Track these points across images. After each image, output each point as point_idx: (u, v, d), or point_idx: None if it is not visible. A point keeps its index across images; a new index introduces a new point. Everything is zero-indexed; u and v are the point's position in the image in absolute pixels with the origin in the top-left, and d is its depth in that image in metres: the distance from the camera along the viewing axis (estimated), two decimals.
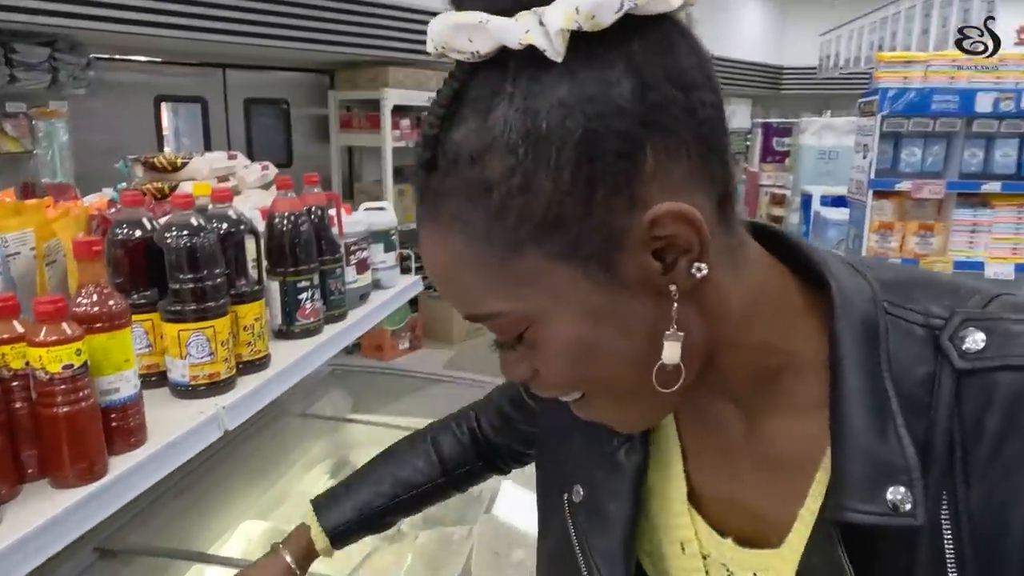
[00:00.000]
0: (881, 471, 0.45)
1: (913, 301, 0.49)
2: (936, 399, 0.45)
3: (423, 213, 0.47)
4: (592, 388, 0.50)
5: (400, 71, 5.35)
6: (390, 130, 5.29)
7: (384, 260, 1.81)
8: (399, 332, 5.32)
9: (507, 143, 0.42)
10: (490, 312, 0.47)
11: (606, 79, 0.42)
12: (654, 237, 0.44)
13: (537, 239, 0.43)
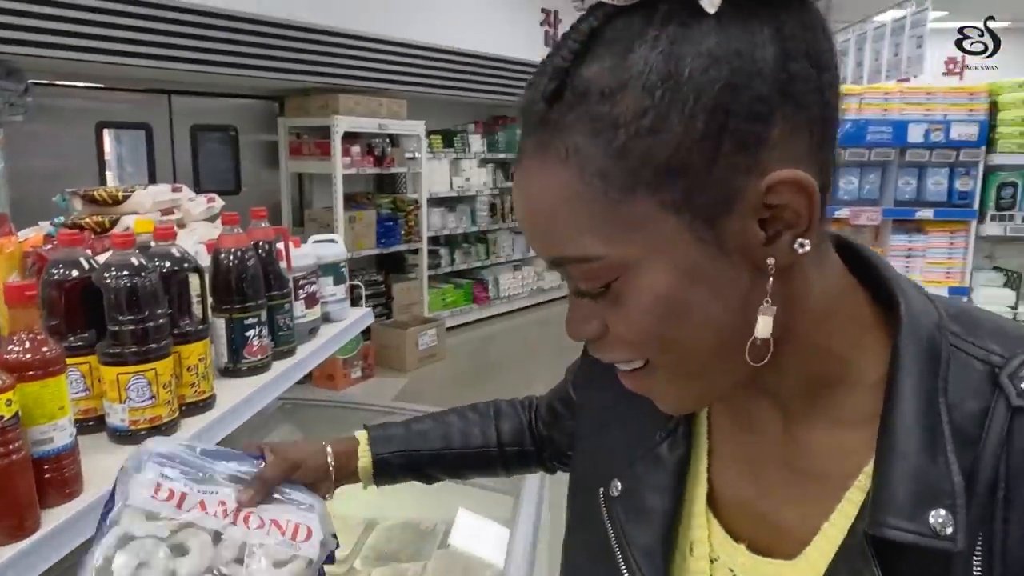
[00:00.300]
0: (926, 492, 0.45)
1: (976, 336, 0.49)
2: (987, 434, 0.45)
3: (532, 146, 0.47)
4: (664, 352, 0.49)
5: (351, 98, 5.34)
6: (340, 157, 5.26)
7: (334, 293, 1.78)
8: (351, 361, 5.25)
9: (644, 84, 0.42)
10: (585, 255, 0.46)
11: (753, 40, 0.42)
12: (766, 205, 0.44)
13: (654, 184, 0.43)
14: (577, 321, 0.51)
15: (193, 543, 0.66)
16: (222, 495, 0.70)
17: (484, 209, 7.21)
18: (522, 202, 0.48)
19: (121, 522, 0.66)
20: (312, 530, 0.71)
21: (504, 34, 7.05)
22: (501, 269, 7.58)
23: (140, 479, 0.69)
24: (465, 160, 6.93)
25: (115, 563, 0.63)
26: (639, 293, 0.46)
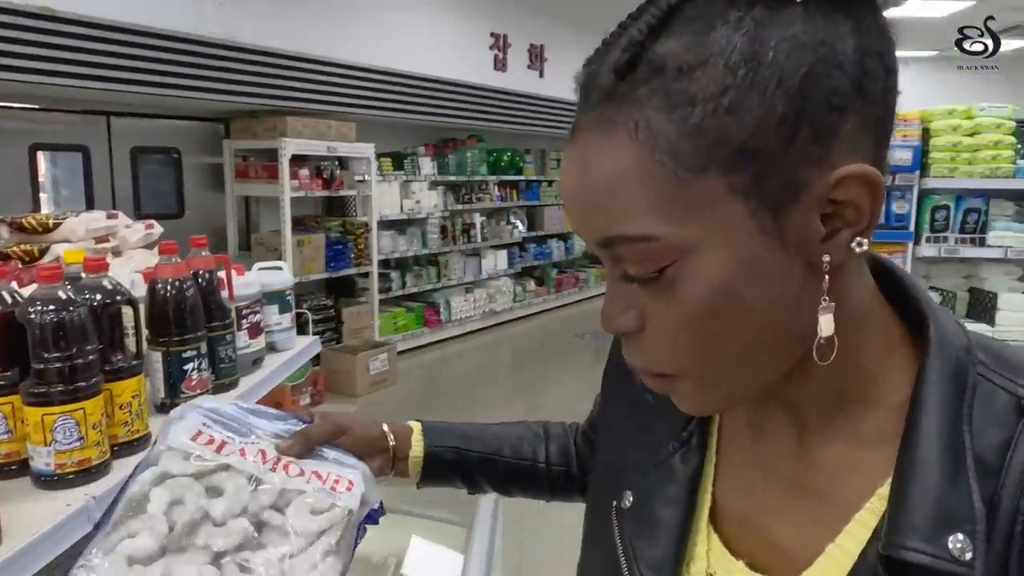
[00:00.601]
0: (947, 516, 0.44)
1: (1004, 368, 0.48)
2: (1009, 465, 0.44)
3: (593, 119, 0.45)
4: (702, 351, 0.46)
5: (299, 120, 5.27)
6: (288, 180, 5.18)
7: (280, 322, 1.73)
8: (300, 387, 5.12)
9: (726, 62, 0.41)
10: (645, 233, 0.44)
11: (836, 32, 0.42)
12: (831, 200, 0.44)
13: (726, 166, 0.42)
14: (615, 312, 0.48)
15: (229, 485, 0.64)
16: (262, 445, 0.69)
17: (435, 232, 7.18)
18: (576, 177, 0.46)
19: (160, 462, 0.65)
20: (354, 482, 0.68)
21: (454, 58, 7.09)
22: (453, 292, 7.54)
23: (182, 425, 0.68)
24: (415, 183, 6.90)
25: (150, 497, 0.62)
26: (693, 281, 0.44)
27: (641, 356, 0.49)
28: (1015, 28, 9.12)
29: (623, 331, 0.49)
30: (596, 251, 0.47)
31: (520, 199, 8.60)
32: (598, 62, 0.46)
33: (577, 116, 0.47)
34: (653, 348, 0.48)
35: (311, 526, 0.63)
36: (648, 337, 0.48)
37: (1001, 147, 3.07)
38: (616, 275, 0.48)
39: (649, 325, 0.47)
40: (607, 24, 2.19)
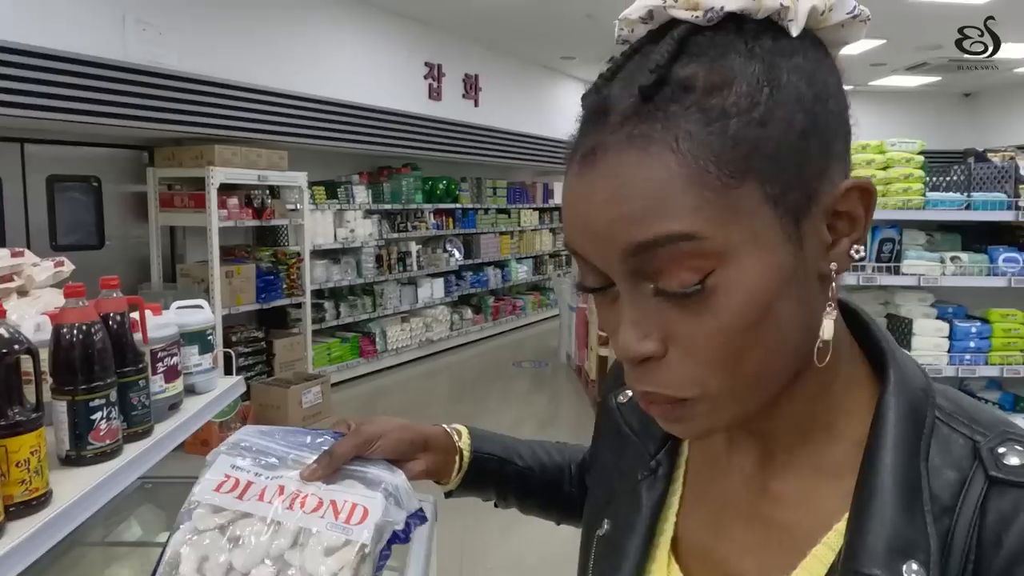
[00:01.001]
0: (902, 544, 0.45)
1: (962, 414, 0.50)
2: (962, 503, 0.46)
3: (618, 138, 0.45)
4: (737, 364, 0.46)
5: (228, 148, 5.15)
6: (216, 209, 5.03)
7: (200, 363, 1.66)
8: (228, 424, 4.94)
9: (749, 82, 0.44)
10: (690, 231, 0.43)
11: (823, 64, 0.48)
12: (835, 211, 0.47)
13: (762, 175, 0.44)
14: (637, 336, 0.47)
15: (248, 533, 0.64)
16: (284, 479, 0.67)
17: (370, 261, 7.10)
18: (605, 189, 0.45)
19: (192, 517, 0.66)
20: (368, 511, 0.65)
21: (389, 86, 7.08)
22: (388, 321, 7.44)
23: (209, 475, 0.68)
24: (350, 211, 6.82)
25: (182, 557, 0.64)
26: (733, 290, 0.44)
27: (659, 382, 0.48)
28: (921, 66, 9.70)
29: (647, 356, 0.47)
30: (618, 268, 0.46)
31: (456, 227, 8.60)
32: (609, 87, 0.47)
33: (592, 138, 0.47)
34: (676, 370, 0.47)
35: (321, 569, 0.62)
36: (671, 360, 0.47)
37: (911, 180, 3.23)
38: (637, 295, 0.47)
39: (673, 347, 0.47)
40: (540, 55, 2.24)
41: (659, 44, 0.46)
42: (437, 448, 0.77)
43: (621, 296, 0.47)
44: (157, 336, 1.46)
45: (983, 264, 3.29)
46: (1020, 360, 3.32)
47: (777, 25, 0.46)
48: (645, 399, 0.50)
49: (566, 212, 0.49)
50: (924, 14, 6.97)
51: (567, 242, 0.50)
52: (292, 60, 5.97)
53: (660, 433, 0.63)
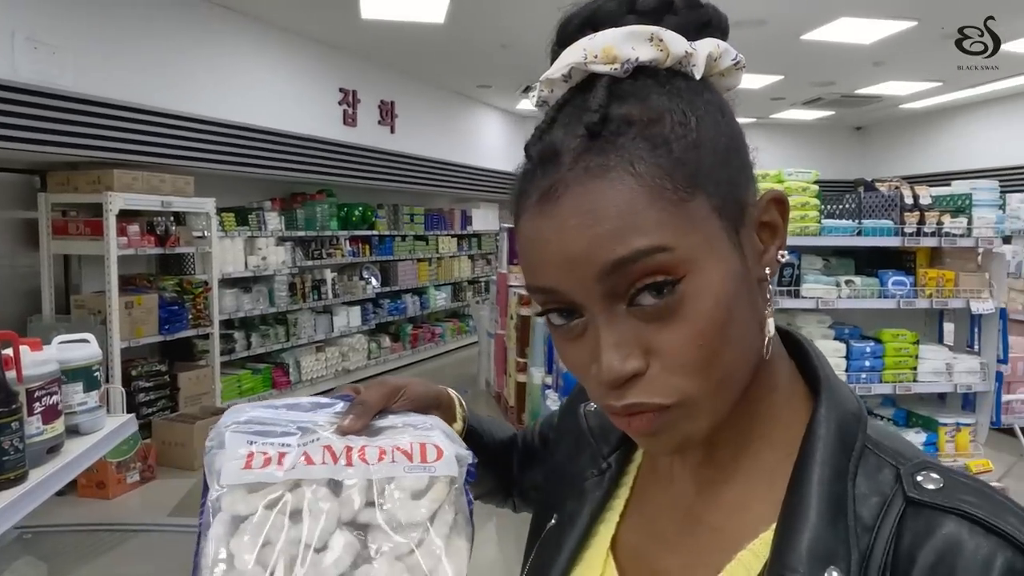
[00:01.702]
0: (824, 553, 0.48)
1: (890, 444, 0.53)
2: (881, 522, 0.48)
3: (580, 171, 0.49)
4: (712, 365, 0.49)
5: (128, 174, 4.92)
6: (115, 236, 4.79)
7: (84, 401, 1.55)
8: (127, 463, 4.66)
9: (676, 114, 0.50)
10: (660, 245, 0.47)
11: (722, 99, 0.55)
12: (761, 221, 0.53)
13: (707, 189, 0.49)
14: (618, 358, 0.49)
15: (310, 502, 0.55)
16: (325, 441, 0.59)
17: (283, 289, 6.89)
18: (574, 219, 0.48)
19: (223, 507, 0.55)
20: (442, 447, 0.60)
21: (302, 112, 6.96)
22: (303, 351, 7.23)
23: (228, 454, 0.57)
24: (261, 238, 6.63)
25: (233, 552, 0.53)
26: (702, 295, 0.48)
27: (642, 393, 0.50)
28: (816, 100, 10.31)
29: (632, 374, 0.49)
30: (593, 293, 0.49)
31: (373, 254, 8.49)
32: (551, 134, 0.51)
33: (547, 179, 0.50)
34: (659, 380, 0.49)
35: (419, 513, 0.56)
36: (652, 372, 0.49)
37: (808, 208, 3.40)
38: (614, 318, 0.49)
39: (653, 360, 0.49)
40: (456, 83, 2.25)
41: (593, 91, 0.51)
42: (447, 408, 0.76)
43: (596, 321, 0.50)
44: (34, 374, 1.36)
45: (874, 287, 3.48)
46: (910, 378, 3.52)
47: (682, 72, 0.53)
48: (627, 413, 0.51)
49: (531, 250, 0.51)
50: (817, 53, 7.42)
51: (533, 282, 0.52)
52: (201, 84, 5.79)
53: (616, 438, 0.66)
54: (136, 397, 5.15)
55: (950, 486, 0.49)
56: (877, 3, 5.99)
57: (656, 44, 0.51)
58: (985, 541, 0.45)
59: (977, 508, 0.47)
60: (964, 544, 0.46)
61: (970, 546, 0.45)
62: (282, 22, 6.59)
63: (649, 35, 0.51)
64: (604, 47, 0.51)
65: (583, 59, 0.51)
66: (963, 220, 3.54)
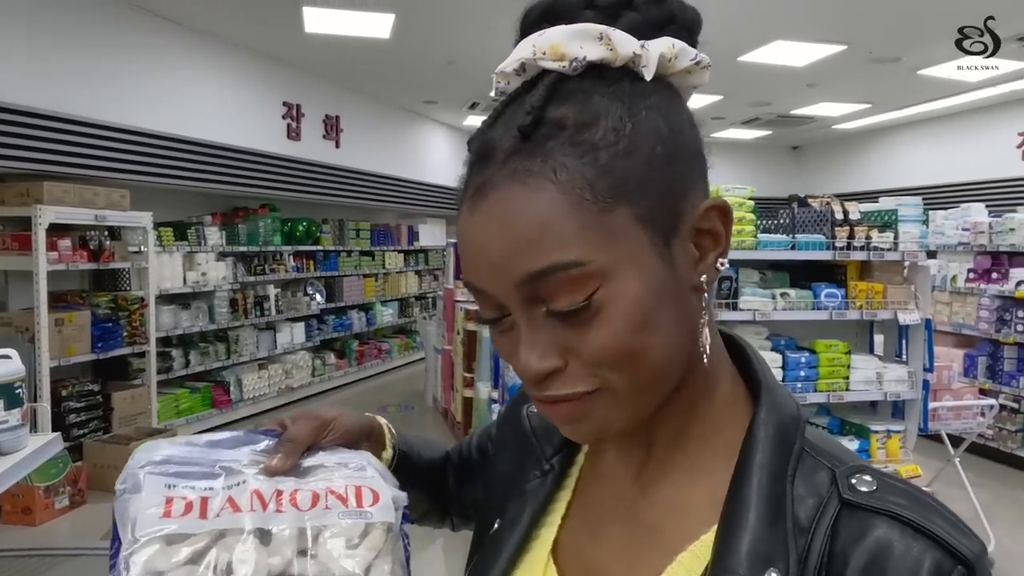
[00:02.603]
0: (764, 554, 0.49)
1: (827, 449, 0.55)
2: (817, 523, 0.50)
3: (506, 174, 0.49)
4: (630, 367, 0.50)
5: (59, 186, 4.76)
6: (45, 251, 4.61)
7: (6, 419, 1.49)
8: (55, 487, 4.46)
9: (613, 119, 0.49)
10: (576, 259, 0.48)
11: (676, 104, 0.54)
12: (698, 229, 0.52)
13: (631, 199, 0.49)
14: (535, 356, 0.50)
15: (236, 554, 0.50)
16: (253, 484, 0.54)
17: (224, 305, 6.74)
18: (495, 227, 0.49)
19: (140, 564, 0.49)
20: (378, 490, 0.57)
21: (244, 125, 6.85)
22: (244, 369, 7.07)
23: (143, 500, 0.52)
24: (201, 253, 6.47)
25: None
26: (619, 301, 0.49)
27: (565, 385, 0.51)
28: (754, 120, 10.65)
29: (550, 371, 0.51)
30: (513, 298, 0.50)
31: (318, 270, 8.37)
32: (491, 130, 0.52)
33: (480, 177, 0.50)
34: (577, 374, 0.51)
35: (353, 564, 0.52)
36: (571, 369, 0.51)
37: (744, 223, 3.50)
38: (533, 320, 0.50)
39: (571, 358, 0.50)
40: (403, 98, 2.26)
41: (533, 91, 0.51)
42: (377, 437, 0.75)
43: (517, 322, 0.51)
44: None
45: (808, 299, 3.60)
46: (843, 387, 3.64)
47: (633, 72, 0.52)
48: (548, 402, 0.53)
49: (462, 248, 0.52)
50: (754, 74, 7.68)
51: (466, 279, 0.53)
52: (139, 95, 5.65)
53: (558, 440, 0.66)
54: (66, 418, 4.95)
55: (883, 488, 0.50)
56: (809, 27, 6.24)
57: (605, 43, 0.51)
58: (915, 542, 0.47)
59: (908, 510, 0.49)
60: (895, 545, 0.48)
61: (900, 547, 0.47)
62: (225, 34, 6.50)
63: (598, 34, 0.51)
64: (552, 44, 0.51)
65: (532, 55, 0.52)
66: (890, 235, 3.70)
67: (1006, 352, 5.65)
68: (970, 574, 0.47)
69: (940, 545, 0.47)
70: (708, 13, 0.58)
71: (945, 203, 7.91)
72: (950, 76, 7.61)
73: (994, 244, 5.76)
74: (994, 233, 5.78)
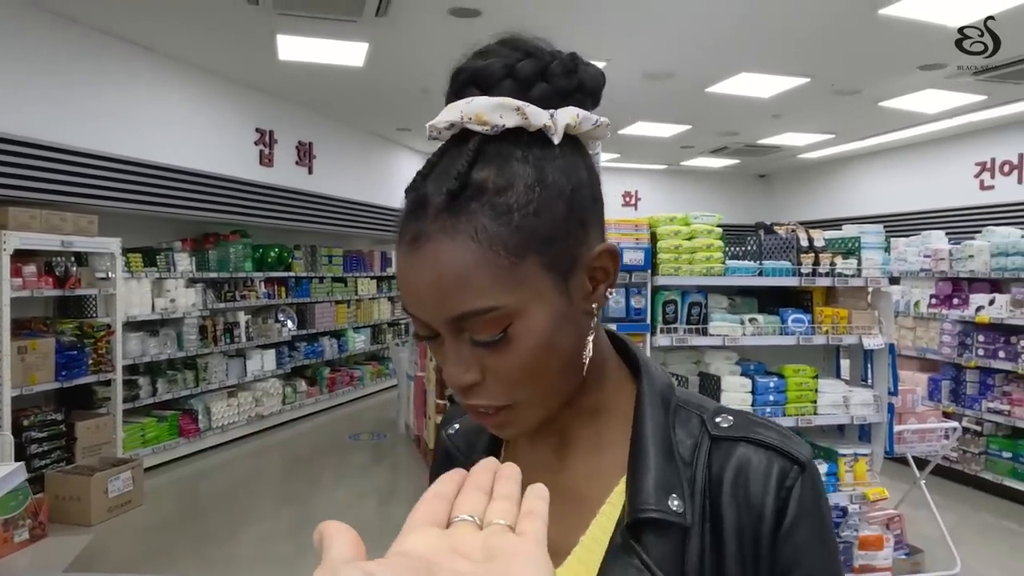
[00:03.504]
0: (665, 486, 0.65)
1: (693, 400, 0.72)
2: (696, 457, 0.67)
3: (437, 228, 0.60)
4: (535, 383, 0.63)
5: (25, 211, 4.70)
6: (9, 278, 4.53)
7: None
8: (15, 520, 4.33)
9: (526, 183, 0.61)
10: (492, 305, 0.60)
11: (577, 164, 0.65)
12: (592, 267, 0.65)
13: (538, 250, 0.61)
14: (461, 371, 0.63)
15: None
16: None
17: (193, 332, 6.65)
18: (428, 273, 0.60)
19: None
20: None
21: (215, 151, 6.83)
22: (213, 397, 6.95)
23: None
24: (170, 280, 6.39)
25: None
26: (526, 334, 0.61)
27: (484, 397, 0.64)
28: (723, 149, 10.86)
29: (470, 384, 0.63)
30: (442, 328, 0.62)
31: (289, 296, 8.31)
32: (424, 186, 0.62)
33: (415, 225, 0.61)
34: (493, 389, 0.63)
35: None
36: (487, 383, 0.63)
37: (712, 249, 3.57)
38: (458, 343, 0.62)
39: (488, 374, 0.63)
40: (376, 125, 2.30)
41: (461, 152, 0.61)
42: None
43: (446, 343, 0.63)
44: None
45: (776, 325, 3.66)
46: (811, 411, 3.69)
47: (544, 135, 0.63)
48: (474, 412, 0.66)
49: (400, 283, 0.63)
50: (721, 104, 7.85)
51: (405, 306, 0.64)
52: (109, 120, 5.61)
53: (482, 445, 0.78)
54: (28, 448, 4.82)
55: (739, 422, 0.68)
56: (774, 60, 6.43)
57: (521, 114, 0.62)
58: (764, 455, 0.66)
59: (756, 433, 0.67)
60: (751, 460, 0.66)
61: (755, 461, 0.66)
62: (198, 61, 6.49)
63: (515, 107, 0.62)
64: (476, 112, 0.62)
65: (460, 119, 0.62)
66: (853, 262, 3.79)
67: (968, 376, 5.78)
68: (802, 470, 0.65)
69: (781, 453, 0.66)
70: (677, 46, 0.63)
71: (906, 231, 8.13)
72: (910, 108, 7.86)
73: (954, 270, 5.92)
74: (954, 260, 5.94)
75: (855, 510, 3.70)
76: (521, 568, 0.38)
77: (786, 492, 0.64)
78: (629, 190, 12.67)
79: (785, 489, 0.64)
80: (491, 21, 5.27)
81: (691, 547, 0.64)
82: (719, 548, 0.64)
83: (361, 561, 0.37)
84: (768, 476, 0.65)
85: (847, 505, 3.65)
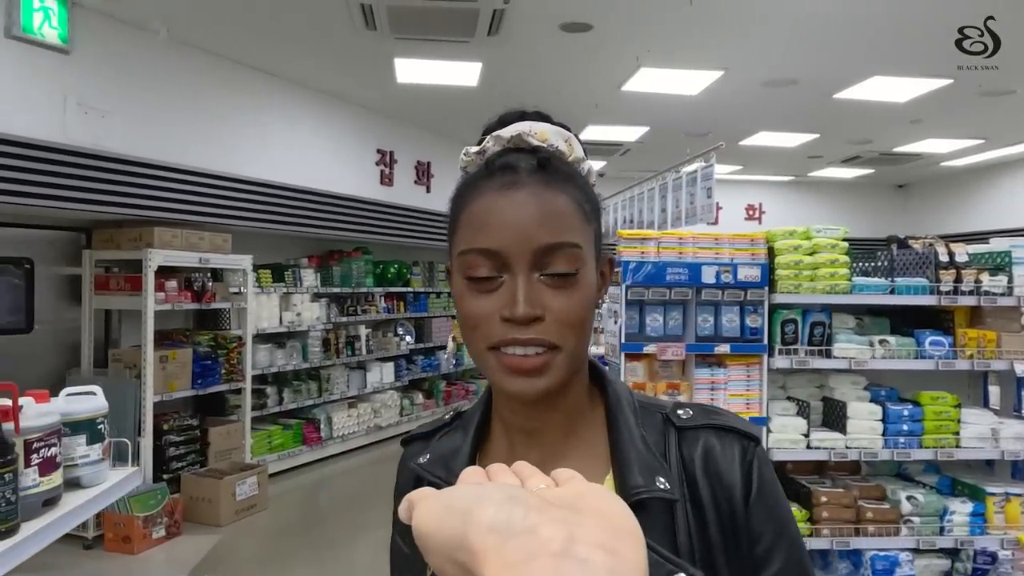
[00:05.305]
0: (651, 470, 0.73)
1: (651, 400, 0.84)
2: (668, 447, 0.77)
3: (537, 179, 0.73)
4: (578, 333, 0.73)
5: (168, 231, 5.09)
6: (153, 292, 4.92)
7: (87, 454, 1.56)
8: (153, 518, 4.67)
9: (582, 177, 0.79)
10: (578, 242, 0.72)
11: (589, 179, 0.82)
12: (601, 269, 0.78)
13: (596, 224, 0.77)
14: (530, 305, 0.71)
15: None
16: None
17: (317, 344, 6.97)
18: (532, 207, 0.71)
19: None
20: None
21: (340, 172, 7.15)
22: (335, 407, 7.25)
23: None
24: (297, 294, 6.74)
25: None
26: (585, 284, 0.73)
27: (543, 332, 0.71)
28: (854, 159, 10.21)
29: (535, 317, 0.71)
30: (526, 259, 0.71)
31: (407, 311, 8.55)
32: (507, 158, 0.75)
33: (510, 178, 0.73)
34: (551, 327, 0.71)
35: None
36: (547, 322, 0.71)
37: (837, 265, 3.32)
38: (530, 281, 0.71)
39: (548, 314, 0.71)
40: None
41: (534, 148, 0.76)
42: None
43: (517, 280, 0.71)
44: (34, 425, 1.37)
45: (911, 347, 3.35)
46: (953, 443, 3.34)
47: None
48: (523, 351, 0.72)
49: (492, 218, 0.72)
50: (851, 111, 7.38)
51: (480, 245, 0.72)
52: (241, 144, 6.01)
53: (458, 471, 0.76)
54: (167, 451, 5.20)
55: (697, 413, 0.80)
56: (909, 62, 5.96)
57: (568, 145, 0.79)
58: (725, 437, 0.77)
59: (714, 420, 0.78)
60: (715, 444, 0.77)
61: (719, 444, 0.77)
62: (322, 86, 6.85)
63: (566, 137, 0.80)
64: (542, 131, 0.78)
65: (528, 131, 0.77)
66: (1003, 278, 3.41)
67: None
68: (757, 444, 0.77)
69: (739, 433, 0.77)
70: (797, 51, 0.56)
71: None
72: None
73: None
74: None
75: (1006, 556, 3.30)
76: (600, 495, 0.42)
77: (747, 465, 0.75)
78: (752, 203, 12.17)
79: (747, 463, 0.76)
80: (602, 35, 5.22)
81: (679, 524, 0.72)
82: (702, 520, 0.73)
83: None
84: (732, 454, 0.76)
85: (996, 551, 3.27)
